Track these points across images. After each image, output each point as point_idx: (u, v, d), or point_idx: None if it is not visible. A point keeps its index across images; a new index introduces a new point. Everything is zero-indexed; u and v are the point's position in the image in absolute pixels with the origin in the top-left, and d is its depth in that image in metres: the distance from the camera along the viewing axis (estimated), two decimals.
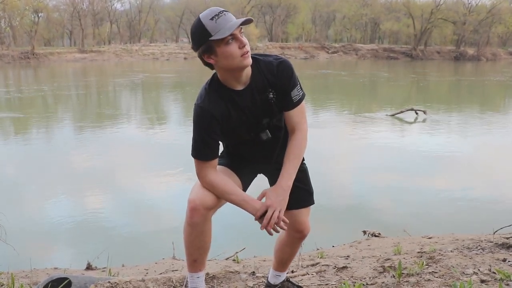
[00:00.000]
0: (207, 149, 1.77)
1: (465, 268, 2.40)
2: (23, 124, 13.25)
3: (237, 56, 1.64)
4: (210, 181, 1.77)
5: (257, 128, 1.84)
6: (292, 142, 1.85)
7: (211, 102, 1.73)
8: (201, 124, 1.74)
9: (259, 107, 1.79)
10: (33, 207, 6.28)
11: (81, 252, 4.68)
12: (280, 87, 1.79)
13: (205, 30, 1.62)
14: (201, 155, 1.77)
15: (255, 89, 1.77)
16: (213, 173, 1.78)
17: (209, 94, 1.75)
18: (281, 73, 1.78)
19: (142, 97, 21.20)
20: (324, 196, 6.67)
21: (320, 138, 10.81)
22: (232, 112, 1.76)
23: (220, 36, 1.60)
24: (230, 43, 1.63)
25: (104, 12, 59.90)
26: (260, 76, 1.77)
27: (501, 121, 14.50)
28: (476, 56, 55.91)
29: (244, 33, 1.69)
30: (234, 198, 1.76)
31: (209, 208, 1.75)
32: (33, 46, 44.90)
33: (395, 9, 64.46)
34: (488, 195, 6.70)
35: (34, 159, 8.97)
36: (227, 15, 1.63)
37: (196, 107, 1.75)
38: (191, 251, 1.86)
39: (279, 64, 1.79)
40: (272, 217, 1.72)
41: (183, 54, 52.84)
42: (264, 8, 65.32)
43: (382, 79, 30.56)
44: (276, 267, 2.15)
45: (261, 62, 1.78)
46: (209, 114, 1.73)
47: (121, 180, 7.64)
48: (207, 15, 1.63)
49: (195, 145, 1.78)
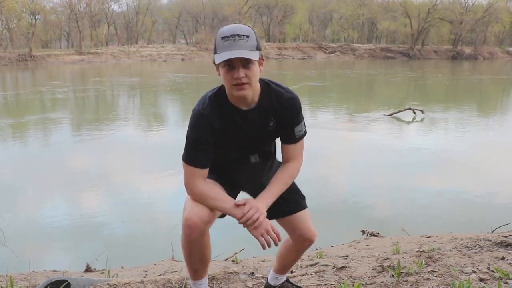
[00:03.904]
0: (200, 155, 1.74)
1: (464, 267, 2.40)
2: (20, 126, 13.21)
3: (229, 84, 1.64)
4: (200, 190, 1.74)
5: (247, 149, 1.84)
6: (285, 169, 1.86)
7: (213, 112, 1.72)
8: (197, 130, 1.72)
9: (256, 131, 1.78)
10: (32, 210, 6.26)
11: (80, 254, 4.66)
12: (283, 120, 1.79)
13: (215, 44, 1.64)
14: (193, 161, 1.74)
15: (258, 113, 1.76)
16: (202, 182, 1.76)
17: (213, 103, 1.73)
18: (289, 107, 1.78)
19: (140, 99, 21.17)
20: (323, 196, 6.68)
21: (318, 138, 10.80)
22: (229, 127, 1.75)
23: (216, 60, 1.61)
24: (227, 69, 1.62)
25: (101, 14, 59.86)
26: (267, 102, 1.76)
27: (499, 120, 14.54)
28: (473, 55, 56.08)
29: (254, 64, 1.64)
30: (224, 204, 1.73)
31: (206, 222, 1.73)
32: (30, 48, 44.86)
33: (392, 9, 64.57)
34: (486, 193, 6.71)
35: (32, 162, 8.95)
36: (237, 41, 1.59)
37: (196, 112, 1.73)
38: (192, 263, 1.87)
39: (289, 99, 1.78)
40: (248, 212, 1.67)
41: (180, 55, 52.85)
42: (261, 8, 65.37)
43: (380, 79, 30.61)
44: (278, 271, 2.15)
45: (272, 89, 1.78)
46: (208, 122, 1.71)
47: (120, 182, 7.63)
48: (222, 32, 1.63)
49: (188, 149, 1.75)
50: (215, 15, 64.27)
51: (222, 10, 62.96)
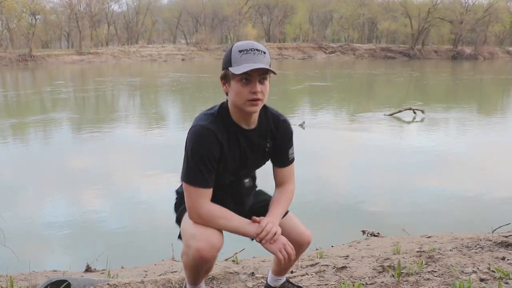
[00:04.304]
0: (206, 173, 1.65)
1: (464, 267, 2.40)
2: (20, 126, 13.22)
3: (244, 99, 1.61)
4: (207, 211, 1.66)
5: (242, 171, 1.80)
6: (282, 191, 1.86)
7: (219, 129, 1.66)
8: (203, 145, 1.63)
9: (254, 152, 1.76)
10: (32, 210, 6.26)
11: (80, 254, 4.66)
12: (278, 142, 1.80)
13: (229, 58, 1.61)
14: (198, 180, 1.65)
15: (258, 134, 1.75)
16: (208, 202, 1.67)
17: (217, 119, 1.68)
18: (284, 130, 1.81)
19: (141, 99, 21.17)
20: (323, 196, 6.68)
21: (318, 138, 10.82)
22: (232, 146, 1.70)
23: (235, 71, 1.57)
24: (244, 82, 1.59)
25: (101, 14, 59.88)
26: (265, 123, 1.77)
27: (499, 120, 14.54)
28: (474, 55, 56.07)
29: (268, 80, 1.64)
30: (235, 223, 1.68)
31: (219, 249, 1.66)
32: (30, 49, 44.88)
33: (392, 9, 64.58)
34: (486, 193, 6.71)
35: (32, 162, 8.95)
36: (257, 55, 1.59)
37: (199, 128, 1.65)
38: (195, 277, 1.85)
39: (284, 121, 1.81)
40: (266, 226, 1.65)
41: (180, 55, 52.87)
42: (262, 8, 65.40)
43: (384, 79, 30.61)
44: (276, 273, 2.14)
45: (269, 111, 1.79)
46: (215, 137, 1.64)
47: (120, 182, 7.63)
48: (239, 46, 1.62)
49: (191, 170, 1.65)
50: (215, 15, 64.28)
51: (222, 10, 62.97)
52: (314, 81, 26.89)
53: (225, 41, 66.06)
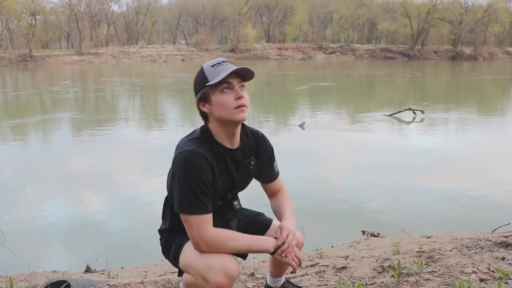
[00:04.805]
0: (204, 199, 1.56)
1: (464, 267, 2.40)
2: (20, 126, 13.21)
3: (231, 107, 1.56)
4: (214, 236, 1.57)
5: (231, 193, 1.74)
6: (282, 194, 1.86)
7: (207, 152, 1.59)
8: (196, 170, 1.54)
9: (240, 173, 1.72)
10: (31, 210, 6.26)
11: (80, 255, 4.66)
12: (262, 158, 1.78)
13: (204, 76, 1.59)
14: (198, 207, 1.55)
15: (242, 152, 1.71)
16: (211, 227, 1.58)
17: (202, 142, 1.61)
18: (265, 145, 1.79)
19: (140, 99, 21.17)
20: (323, 196, 6.68)
21: (318, 138, 10.81)
22: (221, 169, 1.63)
23: (215, 81, 1.55)
24: (226, 92, 1.57)
25: (101, 14, 59.83)
26: (247, 141, 1.74)
27: (499, 120, 14.54)
28: (473, 55, 56.10)
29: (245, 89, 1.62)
30: (247, 241, 1.63)
31: (237, 276, 1.59)
32: (30, 49, 44.84)
33: (392, 9, 64.57)
34: (486, 194, 6.71)
35: (32, 162, 8.95)
36: (229, 65, 1.59)
37: (187, 153, 1.56)
38: None
39: (264, 137, 1.80)
40: (288, 238, 1.62)
41: (180, 56, 52.86)
42: (261, 9, 65.38)
43: (379, 79, 30.61)
44: (274, 275, 2.13)
45: (247, 128, 1.77)
46: (206, 162, 1.56)
47: (120, 182, 7.63)
48: (209, 63, 1.62)
49: (187, 198, 1.55)
50: (215, 15, 64.28)
51: (222, 11, 62.94)
52: (314, 82, 26.87)
53: (225, 42, 66.08)
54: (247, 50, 55.64)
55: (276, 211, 1.83)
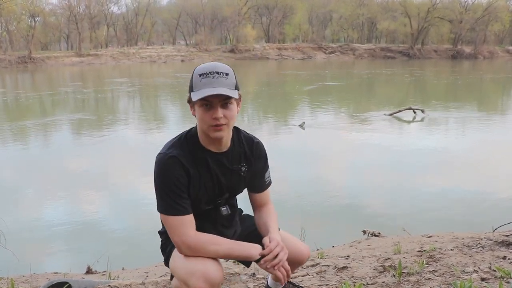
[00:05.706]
0: (181, 201, 1.56)
1: (465, 266, 2.40)
2: (20, 128, 13.21)
3: (207, 124, 1.54)
4: (196, 239, 1.56)
5: (218, 198, 1.71)
6: (268, 210, 1.80)
7: (183, 155, 1.58)
8: (170, 174, 1.55)
9: (228, 178, 1.68)
10: (32, 212, 6.26)
11: (81, 256, 4.66)
12: (254, 165, 1.74)
13: (191, 83, 1.56)
14: (175, 209, 1.56)
15: (231, 157, 1.68)
16: (193, 229, 1.57)
17: (183, 146, 1.61)
18: (258, 152, 1.75)
19: (140, 100, 21.17)
20: (324, 196, 6.68)
21: (318, 138, 10.81)
22: (202, 173, 1.62)
23: (194, 98, 1.52)
24: (205, 108, 1.53)
25: (100, 16, 59.85)
26: (239, 145, 1.71)
27: (499, 119, 14.53)
28: (473, 54, 56.09)
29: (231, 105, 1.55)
30: (230, 245, 1.60)
31: (220, 282, 1.56)
32: (30, 51, 44.83)
33: (391, 9, 64.58)
34: (487, 193, 6.70)
35: (32, 164, 8.95)
36: (217, 78, 1.52)
37: (163, 156, 1.57)
38: None
39: (258, 143, 1.76)
40: (276, 248, 1.58)
41: (180, 56, 52.86)
42: (261, 9, 65.36)
43: (380, 78, 30.60)
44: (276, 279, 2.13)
45: (241, 133, 1.74)
46: (180, 165, 1.56)
47: (121, 183, 7.62)
48: (200, 70, 1.55)
49: (164, 200, 1.57)
50: (215, 16, 64.27)
51: (222, 11, 62.94)
52: (314, 82, 26.88)
53: (224, 42, 66.07)
54: (246, 50, 55.64)
55: (261, 225, 1.76)
